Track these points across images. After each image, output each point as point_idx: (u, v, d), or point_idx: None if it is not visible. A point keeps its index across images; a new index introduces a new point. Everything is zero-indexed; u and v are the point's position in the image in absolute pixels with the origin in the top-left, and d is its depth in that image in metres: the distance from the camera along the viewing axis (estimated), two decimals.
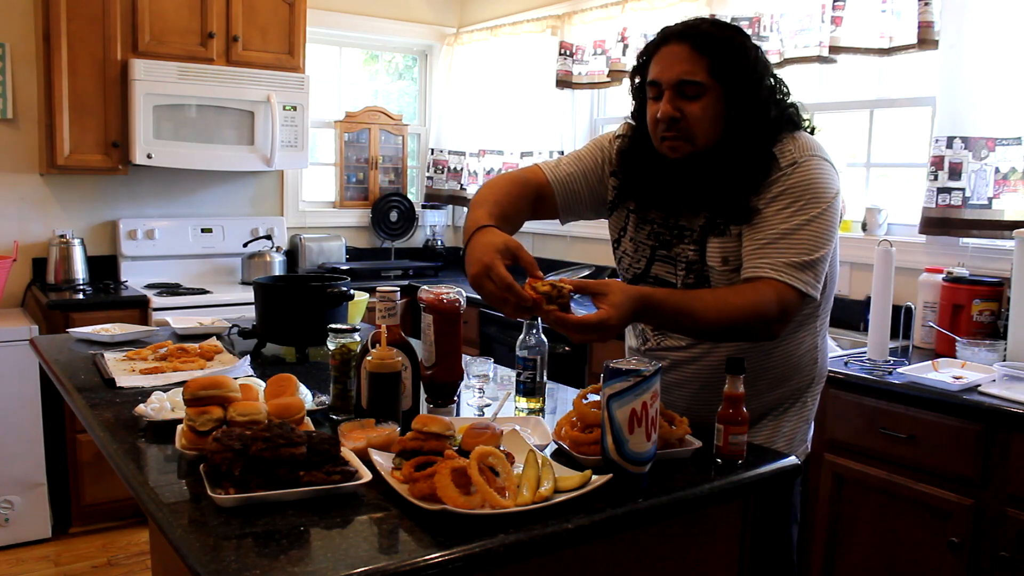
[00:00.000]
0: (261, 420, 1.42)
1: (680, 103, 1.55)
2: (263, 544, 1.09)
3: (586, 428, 1.44)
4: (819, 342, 1.74)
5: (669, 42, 1.57)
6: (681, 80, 1.54)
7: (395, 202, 4.84)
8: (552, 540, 1.16)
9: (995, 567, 2.11)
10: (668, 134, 1.57)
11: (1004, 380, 2.25)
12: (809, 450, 1.81)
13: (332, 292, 2.15)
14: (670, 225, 1.69)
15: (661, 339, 1.74)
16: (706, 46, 1.54)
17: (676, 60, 1.55)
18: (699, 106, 1.54)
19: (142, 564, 3.22)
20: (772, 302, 1.49)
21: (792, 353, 1.69)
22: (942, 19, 2.68)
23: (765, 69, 1.59)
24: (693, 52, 1.53)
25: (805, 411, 1.77)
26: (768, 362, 1.67)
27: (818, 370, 1.77)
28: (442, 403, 1.74)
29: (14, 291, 3.77)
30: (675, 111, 1.55)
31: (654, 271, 1.72)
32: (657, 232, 1.71)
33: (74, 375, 1.97)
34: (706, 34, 1.55)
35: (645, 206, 1.71)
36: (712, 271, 1.62)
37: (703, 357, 1.69)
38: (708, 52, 1.53)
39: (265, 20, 3.95)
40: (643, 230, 1.74)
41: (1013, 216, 2.56)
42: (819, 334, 1.74)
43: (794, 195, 1.54)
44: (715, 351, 1.67)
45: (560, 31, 4.11)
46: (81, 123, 3.59)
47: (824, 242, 1.54)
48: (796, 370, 1.71)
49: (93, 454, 3.38)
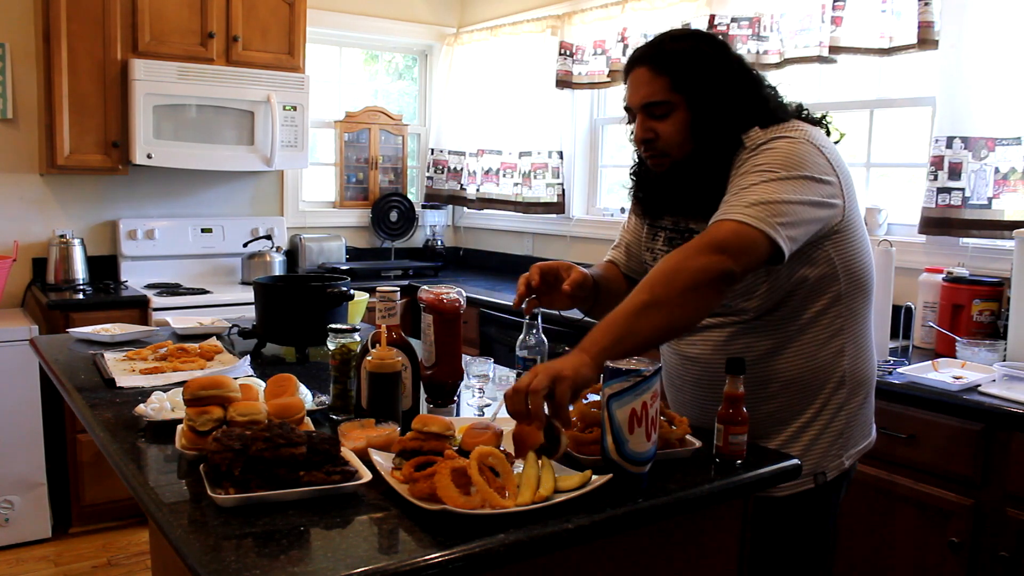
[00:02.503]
0: (261, 420, 1.42)
1: (651, 123, 1.61)
2: (263, 544, 1.09)
3: (586, 428, 1.44)
4: (847, 346, 1.63)
5: (634, 67, 1.63)
6: (646, 103, 1.61)
7: (395, 202, 4.84)
8: (552, 540, 1.16)
9: (995, 567, 2.11)
10: (647, 153, 1.65)
11: (1004, 380, 2.25)
12: (846, 467, 1.67)
13: (332, 292, 2.15)
14: (680, 229, 1.72)
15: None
16: (664, 65, 1.58)
17: (640, 84, 1.61)
18: (668, 124, 1.60)
19: (142, 564, 3.22)
20: (705, 240, 1.44)
21: (809, 355, 1.61)
22: (942, 19, 2.68)
23: (730, 70, 1.60)
24: (652, 73, 1.59)
25: (836, 422, 1.64)
26: (777, 364, 1.61)
27: (846, 375, 1.64)
28: (442, 403, 1.74)
29: (14, 291, 3.77)
30: (647, 132, 1.62)
31: None
32: (670, 237, 1.74)
33: (74, 375, 1.97)
34: (664, 53, 1.60)
35: (657, 215, 1.76)
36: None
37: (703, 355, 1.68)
38: (667, 70, 1.58)
39: (265, 20, 3.96)
40: (659, 238, 1.77)
41: (1013, 216, 2.56)
42: (848, 336, 1.62)
43: (751, 164, 1.52)
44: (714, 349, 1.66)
45: (560, 31, 4.12)
46: (81, 123, 3.59)
47: (789, 192, 1.46)
48: (817, 375, 1.62)
49: (93, 454, 3.38)
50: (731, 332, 1.64)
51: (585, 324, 3.03)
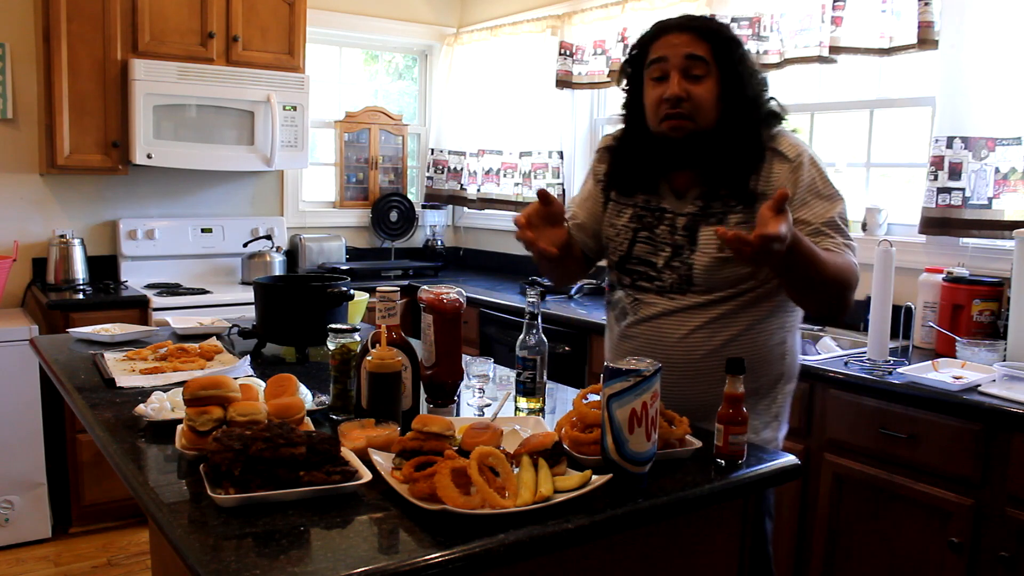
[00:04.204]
0: (261, 420, 1.42)
1: (686, 84, 1.65)
2: (263, 544, 1.10)
3: (586, 428, 1.44)
4: (789, 338, 1.80)
5: (669, 32, 1.69)
6: (690, 55, 1.65)
7: (395, 202, 4.84)
8: (552, 540, 1.16)
9: (995, 567, 2.11)
10: (673, 112, 1.66)
11: (1004, 380, 2.25)
12: (779, 449, 1.82)
13: (332, 292, 2.15)
14: (652, 207, 1.79)
15: (638, 309, 1.80)
16: (706, 34, 1.67)
17: (682, 42, 1.66)
18: (704, 87, 1.65)
19: (142, 564, 3.22)
20: (854, 264, 1.65)
21: (761, 344, 1.74)
22: (942, 19, 2.68)
23: (754, 64, 1.73)
24: (694, 37, 1.66)
25: (775, 408, 1.81)
26: (732, 349, 1.71)
27: (787, 367, 1.81)
28: (442, 403, 1.74)
29: (14, 291, 3.77)
30: (682, 91, 1.65)
31: (636, 251, 1.80)
32: (640, 215, 1.80)
33: (74, 375, 1.97)
34: (704, 25, 1.69)
35: (630, 190, 1.80)
36: (699, 257, 1.70)
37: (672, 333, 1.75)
38: (709, 39, 1.66)
39: (265, 20, 3.95)
40: (624, 214, 1.82)
41: (1013, 216, 2.56)
42: (789, 330, 1.80)
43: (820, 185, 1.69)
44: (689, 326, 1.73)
45: (560, 31, 4.11)
46: (81, 123, 3.59)
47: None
48: (764, 363, 1.76)
49: (93, 454, 3.38)
50: (704, 319, 1.73)
51: (584, 324, 3.07)
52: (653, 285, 1.77)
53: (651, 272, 1.77)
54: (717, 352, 1.70)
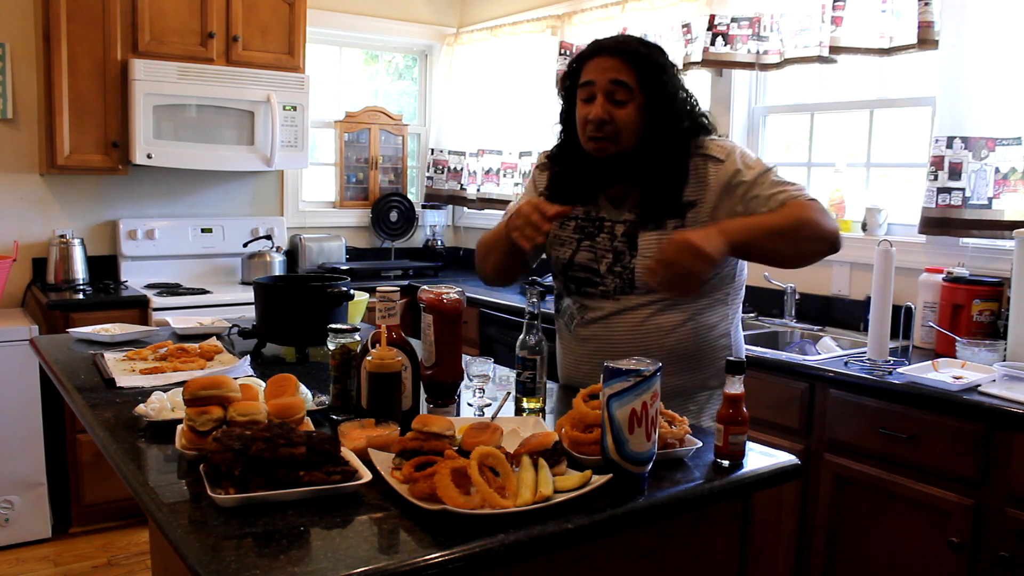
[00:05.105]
0: (261, 420, 1.42)
1: (610, 108, 1.72)
2: (263, 544, 1.09)
3: (586, 428, 1.44)
4: (732, 330, 1.87)
5: (601, 54, 1.74)
6: (615, 80, 1.71)
7: (395, 202, 4.84)
8: (552, 540, 1.16)
9: (995, 567, 2.11)
10: (596, 134, 1.73)
11: (1004, 380, 2.25)
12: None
13: (332, 292, 2.15)
14: (592, 218, 1.86)
15: (585, 312, 1.85)
16: (633, 60, 1.72)
17: (609, 67, 1.72)
18: (625, 112, 1.72)
19: (142, 564, 3.22)
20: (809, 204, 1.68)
21: (703, 334, 1.80)
22: (942, 19, 2.68)
23: (680, 85, 1.79)
24: (622, 63, 1.72)
25: (716, 398, 1.85)
26: (676, 337, 1.78)
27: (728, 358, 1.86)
28: (442, 403, 1.74)
29: (14, 291, 3.77)
30: (605, 114, 1.71)
31: (578, 259, 1.87)
32: (581, 225, 1.87)
33: (74, 375, 1.97)
34: (634, 50, 1.74)
35: (570, 202, 1.84)
36: (639, 261, 1.77)
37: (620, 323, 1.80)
38: (635, 65, 1.72)
39: (265, 20, 3.95)
40: (568, 226, 1.89)
41: (1013, 216, 2.56)
42: (732, 322, 1.86)
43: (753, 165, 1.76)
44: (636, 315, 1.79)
45: (560, 31, 4.11)
46: (81, 123, 3.59)
47: None
48: (709, 354, 1.82)
49: (93, 454, 3.38)
50: (650, 312, 1.79)
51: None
52: (597, 290, 1.83)
53: (594, 278, 1.84)
54: (667, 339, 1.78)
